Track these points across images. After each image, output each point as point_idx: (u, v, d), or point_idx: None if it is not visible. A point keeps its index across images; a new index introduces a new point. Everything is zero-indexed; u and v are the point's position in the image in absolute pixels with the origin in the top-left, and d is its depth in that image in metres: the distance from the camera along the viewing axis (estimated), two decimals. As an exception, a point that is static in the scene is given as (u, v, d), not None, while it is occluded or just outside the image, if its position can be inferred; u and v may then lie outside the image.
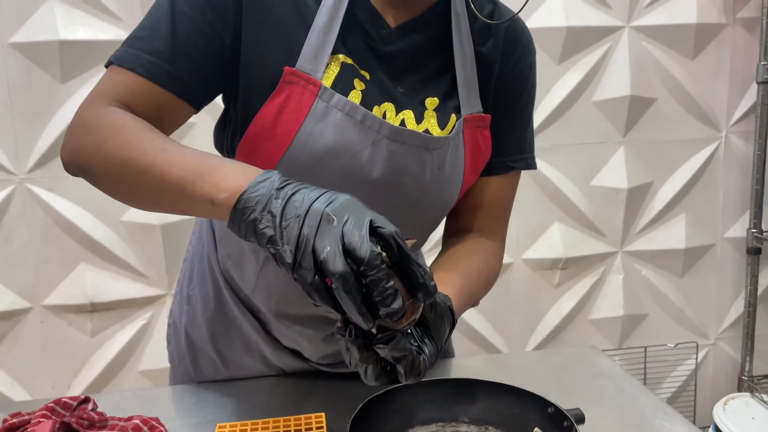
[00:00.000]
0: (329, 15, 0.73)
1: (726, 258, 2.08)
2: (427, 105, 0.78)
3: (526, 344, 2.02)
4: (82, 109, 0.70)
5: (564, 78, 1.88)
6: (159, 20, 0.71)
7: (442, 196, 0.80)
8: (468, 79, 0.80)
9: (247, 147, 0.74)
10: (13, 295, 1.72)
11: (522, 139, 0.88)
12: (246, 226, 0.55)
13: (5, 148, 1.66)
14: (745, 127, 1.99)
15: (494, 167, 0.86)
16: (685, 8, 1.89)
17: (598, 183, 1.96)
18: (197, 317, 0.93)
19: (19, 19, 1.61)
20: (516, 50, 0.84)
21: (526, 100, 0.86)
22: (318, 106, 0.71)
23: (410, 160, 0.75)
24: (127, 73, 0.70)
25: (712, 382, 2.16)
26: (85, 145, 0.67)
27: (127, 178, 0.64)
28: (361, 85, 0.74)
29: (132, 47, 0.71)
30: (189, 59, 0.71)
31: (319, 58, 0.72)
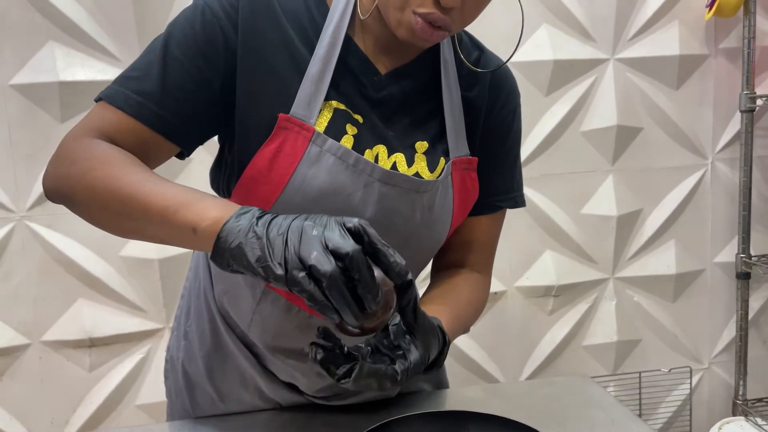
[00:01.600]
0: (322, 63, 0.76)
1: (716, 283, 2.11)
2: (417, 148, 0.81)
3: (522, 372, 2.03)
4: (67, 140, 0.73)
5: (552, 109, 1.93)
6: (151, 62, 0.74)
7: (431, 236, 0.83)
8: (456, 124, 0.83)
9: (243, 190, 0.77)
10: (12, 331, 1.74)
11: (509, 180, 0.91)
12: (230, 252, 0.58)
13: (5, 187, 1.69)
14: (731, 154, 2.04)
15: (483, 207, 0.89)
16: (668, 40, 1.95)
17: (588, 211, 1.99)
18: (194, 353, 0.95)
19: (19, 61, 1.65)
20: (500, 96, 0.87)
21: (511, 143, 0.90)
22: (312, 151, 0.74)
23: (401, 202, 0.78)
24: (115, 111, 0.73)
25: (707, 406, 2.17)
26: (71, 173, 0.70)
27: (111, 206, 0.67)
28: (354, 129, 0.77)
29: (122, 86, 0.74)
30: (177, 103, 0.74)
31: (312, 105, 0.75)
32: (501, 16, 1.84)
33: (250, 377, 0.92)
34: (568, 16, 1.89)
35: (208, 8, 0.75)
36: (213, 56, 0.74)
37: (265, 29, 0.76)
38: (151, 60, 0.74)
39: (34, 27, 1.65)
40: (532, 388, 1.05)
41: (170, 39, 0.74)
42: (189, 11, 0.76)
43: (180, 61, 0.73)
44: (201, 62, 0.74)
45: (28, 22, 1.64)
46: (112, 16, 1.67)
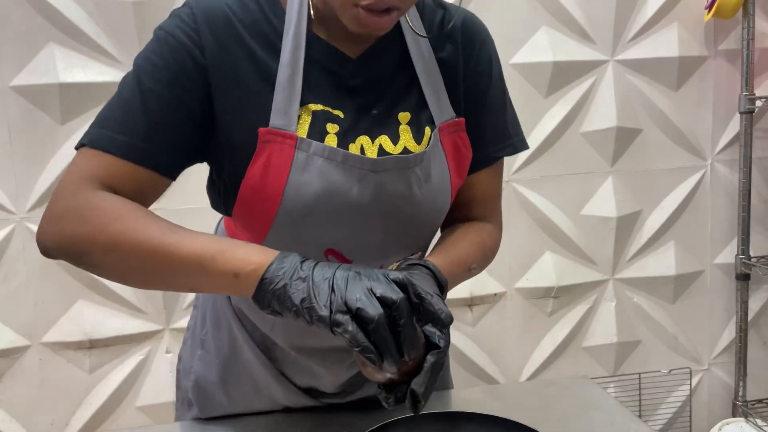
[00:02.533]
0: (290, 68, 0.75)
1: (716, 284, 2.11)
2: (400, 120, 0.81)
3: (522, 373, 2.03)
4: (63, 195, 0.70)
5: (552, 111, 1.93)
6: (127, 100, 0.73)
7: (435, 206, 0.83)
8: (435, 89, 0.82)
9: (242, 209, 0.77)
10: (12, 332, 1.74)
11: (501, 127, 0.89)
12: (274, 294, 0.63)
13: (6, 188, 1.69)
14: (730, 155, 2.04)
15: (480, 161, 0.88)
16: (667, 42, 1.95)
17: (587, 212, 2.00)
18: (211, 361, 0.94)
19: (20, 62, 1.65)
20: (474, 49, 0.86)
21: (495, 91, 0.88)
22: (299, 158, 0.74)
23: (397, 184, 0.78)
24: (104, 156, 0.71)
25: (707, 407, 2.17)
26: (82, 232, 0.68)
27: (136, 263, 0.67)
28: (335, 127, 0.77)
29: (104, 128, 0.72)
30: (163, 135, 0.73)
31: (290, 112, 0.75)
32: (499, 17, 1.86)
33: (265, 385, 0.92)
34: (567, 17, 1.90)
35: (171, 36, 0.74)
36: (187, 82, 0.74)
37: (228, 46, 0.75)
38: (127, 97, 0.73)
39: (34, 29, 1.65)
40: (532, 390, 1.06)
41: (141, 73, 0.73)
42: (153, 43, 0.75)
43: (156, 93, 0.73)
44: (177, 90, 0.73)
45: (28, 23, 1.64)
46: (113, 18, 1.68)
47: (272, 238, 0.77)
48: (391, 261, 0.81)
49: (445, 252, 0.83)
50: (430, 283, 0.70)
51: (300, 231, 0.77)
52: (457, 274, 0.82)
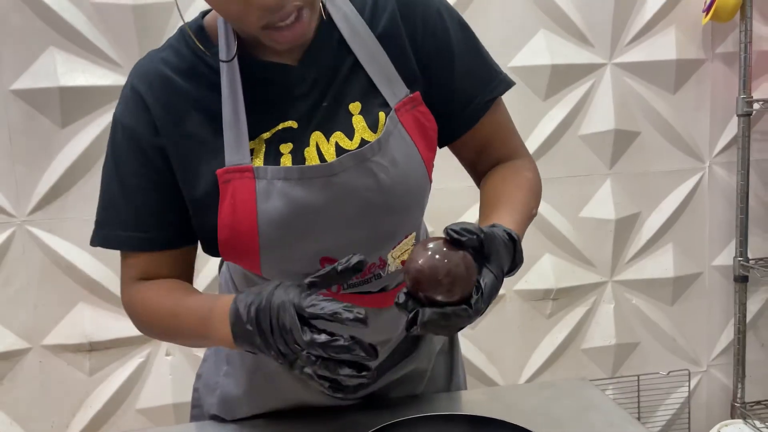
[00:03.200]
0: (231, 102, 0.76)
1: (714, 286, 2.12)
2: (351, 110, 0.79)
3: (520, 375, 2.04)
4: (121, 296, 0.86)
5: (550, 113, 1.94)
6: (114, 196, 0.80)
7: (410, 187, 0.81)
8: (383, 70, 0.80)
9: (227, 250, 0.79)
10: (12, 335, 1.74)
11: (482, 72, 0.86)
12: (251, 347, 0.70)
13: (6, 191, 1.70)
14: (728, 158, 2.05)
15: (476, 110, 0.85)
16: (665, 45, 1.96)
17: (586, 214, 2.00)
18: (238, 375, 0.94)
19: (20, 66, 1.66)
20: (416, 11, 0.82)
21: (458, 41, 0.84)
22: (260, 187, 0.75)
23: (362, 177, 0.77)
24: (124, 254, 0.83)
25: (705, 409, 2.18)
26: (143, 330, 0.86)
27: (163, 339, 0.88)
28: (288, 146, 0.77)
29: (106, 227, 0.81)
30: (157, 218, 0.80)
31: (241, 146, 0.76)
32: (497, 20, 1.86)
33: (290, 389, 0.92)
34: (565, 21, 1.90)
35: (125, 127, 0.79)
36: (149, 160, 0.78)
37: (172, 105, 0.77)
38: (113, 194, 0.80)
39: (35, 33, 1.65)
40: (531, 391, 1.06)
41: (115, 166, 0.80)
42: (113, 134, 0.80)
43: (134, 185, 0.79)
44: (147, 171, 0.78)
45: (29, 27, 1.65)
46: (113, 22, 1.68)
47: (266, 264, 0.79)
48: (388, 248, 0.82)
49: (505, 209, 0.81)
50: (506, 251, 0.69)
51: (287, 252, 0.78)
52: (526, 225, 0.82)
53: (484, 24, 1.81)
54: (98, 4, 1.67)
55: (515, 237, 0.71)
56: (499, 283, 0.68)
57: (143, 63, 0.81)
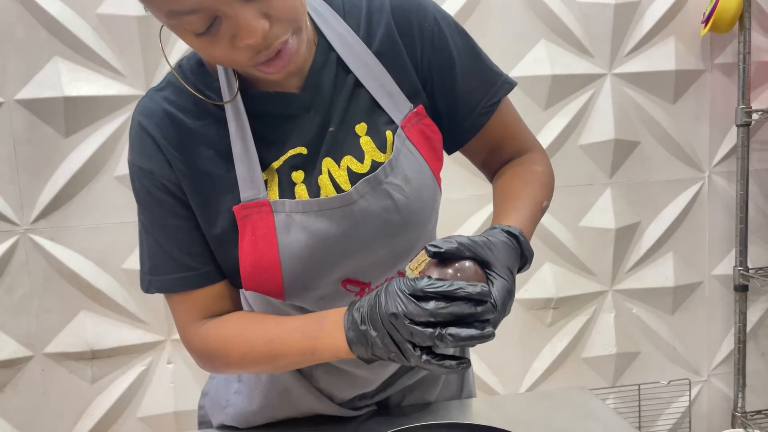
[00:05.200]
0: (239, 137, 0.76)
1: (714, 295, 2.12)
2: (358, 132, 0.80)
3: (521, 384, 2.04)
4: (185, 341, 0.83)
5: (550, 123, 1.95)
6: (153, 242, 0.79)
7: (425, 201, 0.81)
8: (384, 87, 0.80)
9: (251, 285, 0.78)
10: (14, 343, 1.75)
11: (484, 75, 0.86)
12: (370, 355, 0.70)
13: (10, 200, 1.71)
14: (727, 167, 2.06)
15: (482, 114, 0.85)
16: (665, 56, 1.97)
17: (586, 224, 2.01)
18: (251, 393, 0.94)
19: (25, 76, 1.67)
20: (412, 24, 0.81)
21: (456, 45, 0.84)
22: (279, 220, 0.76)
23: (378, 200, 0.78)
24: (178, 296, 0.81)
25: (706, 418, 2.18)
26: (217, 366, 0.84)
27: (254, 369, 0.82)
28: (300, 175, 0.78)
29: (157, 274, 0.80)
30: (199, 254, 0.79)
31: (255, 180, 0.76)
32: (498, 31, 1.88)
33: (306, 405, 0.92)
34: (566, 31, 1.92)
35: (136, 166, 0.79)
36: (177, 198, 0.78)
37: (180, 142, 0.77)
38: (155, 239, 0.79)
39: (39, 43, 1.67)
40: (532, 400, 1.06)
41: (148, 213, 0.79)
42: (132, 178, 0.80)
43: (168, 223, 0.78)
44: (179, 209, 0.78)
45: (33, 38, 1.67)
46: (117, 32, 1.70)
47: (289, 292, 0.79)
48: (407, 261, 0.82)
49: (512, 205, 0.81)
50: (510, 251, 0.69)
51: (310, 281, 0.78)
52: (534, 219, 0.81)
53: (484, 34, 1.83)
54: (103, 15, 1.69)
55: (515, 233, 0.71)
56: (511, 284, 0.68)
57: (146, 103, 0.79)
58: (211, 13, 0.64)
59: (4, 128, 1.68)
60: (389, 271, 0.82)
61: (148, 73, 1.73)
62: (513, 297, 0.68)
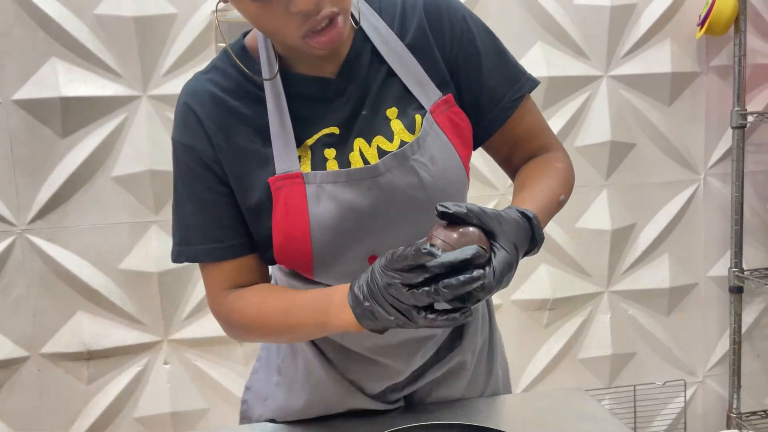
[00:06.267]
0: (277, 115, 0.81)
1: (710, 296, 2.13)
2: (389, 116, 0.84)
3: (517, 384, 2.04)
4: (213, 308, 0.88)
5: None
6: (189, 214, 0.84)
7: (451, 183, 0.84)
8: (416, 76, 0.85)
9: (282, 256, 0.83)
10: (11, 344, 1.75)
11: (508, 72, 0.89)
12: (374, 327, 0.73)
13: (7, 200, 1.71)
14: (723, 169, 2.07)
15: (506, 109, 0.88)
16: (660, 58, 1.98)
17: (582, 225, 2.02)
18: (291, 386, 0.97)
19: (22, 76, 1.67)
20: (442, 20, 0.87)
21: (483, 43, 0.88)
22: (310, 191, 0.80)
23: (406, 176, 0.81)
24: (209, 267, 0.86)
25: (701, 419, 2.19)
26: (242, 334, 0.90)
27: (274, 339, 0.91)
28: (332, 151, 0.82)
29: (189, 245, 0.85)
30: (231, 228, 0.84)
31: (290, 154, 0.81)
32: (495, 32, 1.88)
33: (339, 400, 0.95)
34: (562, 33, 1.93)
35: (179, 142, 0.84)
36: (215, 173, 0.83)
37: (223, 122, 0.82)
38: (188, 211, 0.85)
39: (37, 43, 1.67)
40: (528, 401, 1.07)
41: (184, 186, 0.84)
42: (174, 153, 0.85)
43: (203, 197, 0.83)
44: (215, 184, 0.83)
45: (31, 38, 1.67)
46: (114, 33, 1.70)
47: (318, 265, 0.82)
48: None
49: (529, 193, 0.84)
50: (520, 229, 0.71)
51: (338, 254, 0.82)
52: (549, 209, 0.84)
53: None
54: (100, 16, 1.69)
55: (529, 215, 0.73)
56: (513, 258, 0.69)
57: (192, 84, 0.85)
58: None
59: (1, 128, 1.68)
60: None
61: (145, 74, 1.73)
62: (513, 271, 0.70)
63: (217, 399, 1.87)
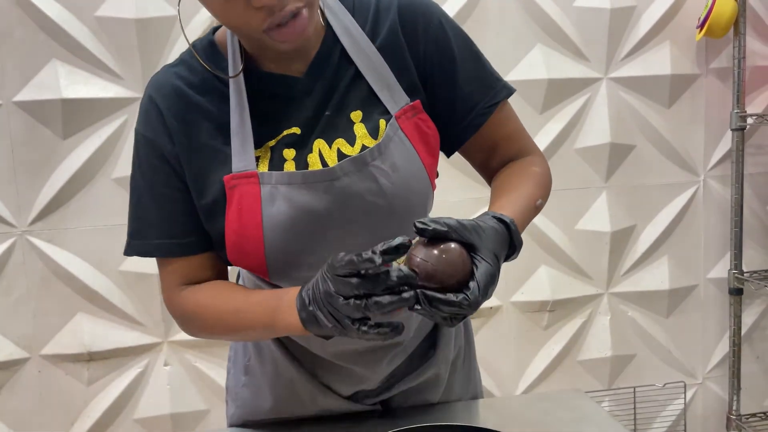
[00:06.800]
0: (238, 113, 0.80)
1: (709, 298, 2.13)
2: (353, 119, 0.82)
3: (517, 386, 2.05)
4: (166, 303, 0.88)
5: (546, 127, 1.96)
6: (144, 207, 0.84)
7: (412, 191, 0.83)
8: (383, 79, 0.83)
9: (235, 256, 0.81)
10: (11, 345, 1.75)
11: (483, 78, 0.88)
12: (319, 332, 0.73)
13: (7, 202, 1.71)
14: (722, 171, 2.07)
15: (480, 115, 0.87)
16: (660, 60, 1.99)
17: (582, 227, 2.02)
18: (260, 386, 0.96)
19: (23, 78, 1.68)
20: (417, 22, 0.85)
21: (458, 48, 0.86)
22: (265, 192, 0.78)
23: (364, 181, 0.80)
24: (162, 261, 0.86)
25: (701, 421, 2.19)
26: (193, 330, 0.89)
27: (226, 337, 0.90)
28: (291, 152, 0.81)
29: (141, 238, 0.84)
30: (185, 224, 0.83)
31: (247, 153, 0.80)
32: (495, 35, 1.89)
33: (310, 399, 0.94)
34: (561, 36, 1.93)
35: (141, 134, 0.83)
36: (173, 169, 0.82)
37: (185, 117, 0.81)
38: (144, 204, 0.84)
39: (38, 45, 1.67)
40: (527, 403, 1.07)
41: (142, 178, 0.83)
42: (135, 144, 0.85)
43: (160, 191, 0.82)
44: (173, 179, 0.82)
45: (32, 40, 1.67)
46: (115, 35, 1.70)
47: (272, 269, 0.81)
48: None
49: (506, 198, 0.83)
50: (499, 237, 0.71)
51: (293, 257, 0.80)
52: (526, 214, 0.83)
53: (481, 38, 1.82)
54: (101, 18, 1.69)
55: (507, 220, 0.73)
56: (495, 269, 0.69)
57: (158, 76, 0.84)
58: None
59: (2, 130, 1.68)
60: None
61: (146, 76, 1.74)
62: (496, 282, 0.69)
63: (217, 400, 1.87)
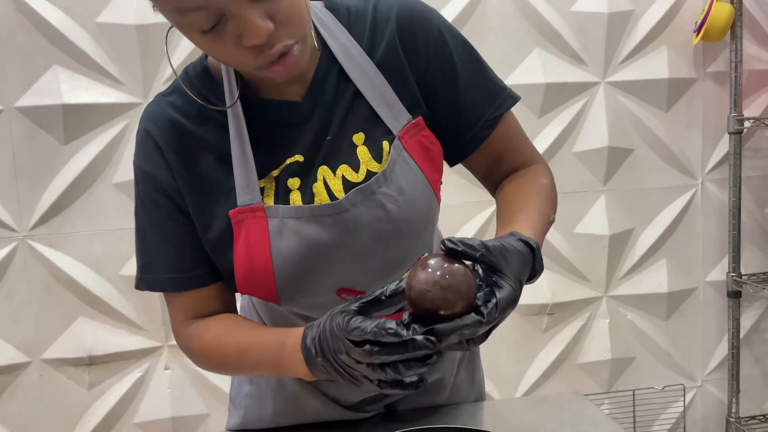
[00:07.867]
0: (238, 143, 0.77)
1: (708, 301, 2.14)
2: (355, 141, 0.80)
3: (516, 389, 2.05)
4: (177, 337, 0.87)
5: (545, 131, 1.97)
6: (149, 241, 0.82)
7: (419, 212, 0.81)
8: (384, 98, 0.80)
9: (245, 288, 0.80)
10: (12, 349, 1.75)
11: (487, 88, 0.85)
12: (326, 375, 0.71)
13: (8, 207, 1.72)
14: (720, 174, 2.08)
15: (485, 127, 0.85)
16: (657, 64, 2.00)
17: (581, 230, 2.03)
18: (262, 396, 0.96)
19: (24, 84, 1.69)
20: (416, 34, 0.81)
21: (460, 58, 0.84)
22: (272, 225, 0.77)
23: (371, 209, 0.78)
24: (170, 296, 0.84)
25: (700, 424, 2.19)
26: (202, 364, 0.87)
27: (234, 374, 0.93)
28: (296, 181, 0.79)
29: (150, 273, 0.82)
30: (192, 257, 0.81)
31: (251, 185, 0.77)
32: (493, 39, 1.90)
33: (314, 412, 0.94)
34: (559, 40, 1.94)
35: (139, 168, 0.81)
36: (175, 203, 0.80)
37: (183, 150, 0.79)
38: (150, 239, 0.82)
39: (39, 51, 1.68)
40: (527, 406, 1.07)
41: (146, 213, 0.82)
42: (135, 178, 0.82)
43: (165, 226, 0.80)
44: (176, 214, 0.80)
45: (33, 46, 1.68)
46: (116, 41, 1.71)
47: (283, 297, 0.80)
48: (402, 271, 0.82)
49: (525, 215, 0.80)
50: (525, 262, 0.69)
51: (304, 287, 0.79)
52: (544, 234, 0.81)
53: (479, 43, 1.82)
54: (102, 24, 1.70)
55: (533, 245, 0.70)
56: (517, 293, 0.66)
57: (153, 107, 0.81)
58: (218, 12, 0.65)
59: (4, 135, 1.69)
60: (383, 280, 0.81)
61: (147, 82, 1.75)
62: (515, 306, 0.67)
63: (218, 404, 1.88)
